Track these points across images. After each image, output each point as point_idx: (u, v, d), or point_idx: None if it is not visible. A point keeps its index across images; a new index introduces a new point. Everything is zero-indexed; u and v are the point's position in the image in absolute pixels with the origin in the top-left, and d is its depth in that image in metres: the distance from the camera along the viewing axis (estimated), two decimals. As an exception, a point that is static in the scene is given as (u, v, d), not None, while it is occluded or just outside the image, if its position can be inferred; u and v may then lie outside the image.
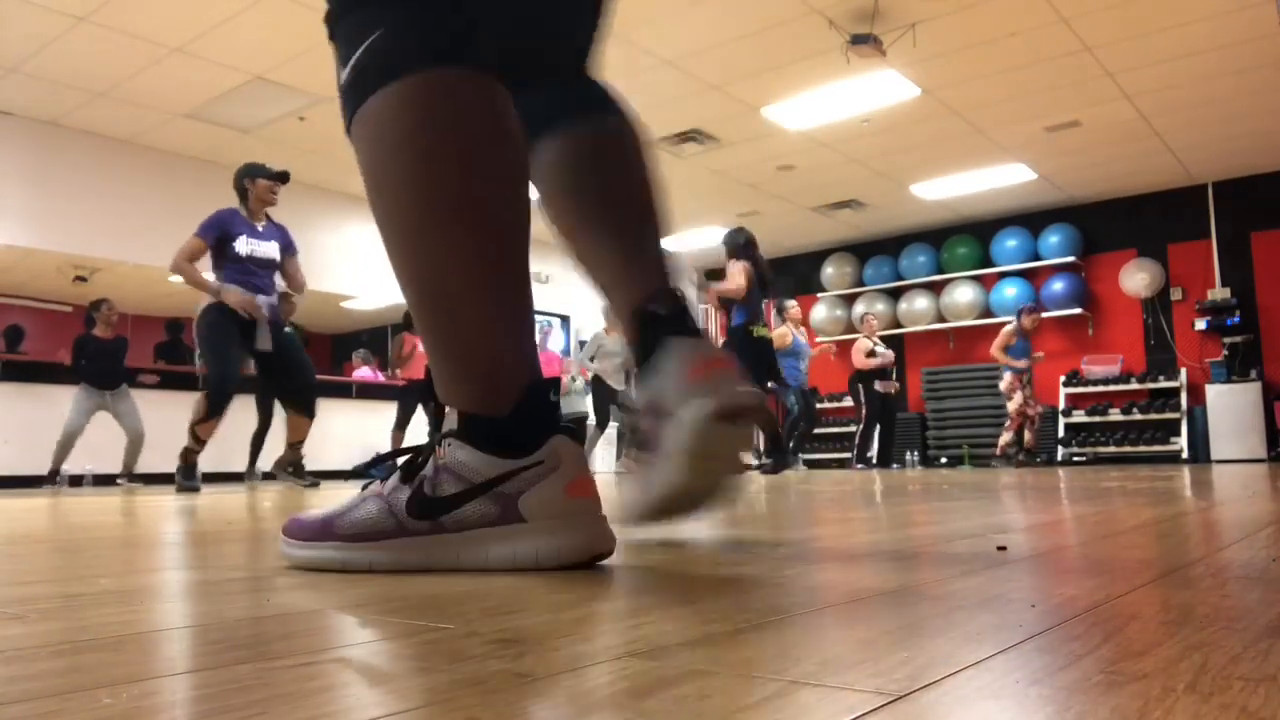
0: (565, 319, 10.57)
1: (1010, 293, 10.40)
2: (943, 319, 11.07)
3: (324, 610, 0.69)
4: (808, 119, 7.75)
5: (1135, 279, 9.85)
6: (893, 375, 9.25)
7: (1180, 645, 0.49)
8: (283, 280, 4.92)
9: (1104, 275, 10.18)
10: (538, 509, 0.89)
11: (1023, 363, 8.57)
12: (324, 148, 8.18)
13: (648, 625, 0.60)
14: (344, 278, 9.53)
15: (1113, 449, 9.77)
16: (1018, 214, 10.59)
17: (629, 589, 0.79)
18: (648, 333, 1.09)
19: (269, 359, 4.78)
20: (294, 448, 4.94)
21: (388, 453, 1.08)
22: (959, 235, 11.03)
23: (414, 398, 7.89)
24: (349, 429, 8.82)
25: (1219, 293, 9.40)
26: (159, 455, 7.20)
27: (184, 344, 7.92)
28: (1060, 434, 10.07)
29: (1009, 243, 10.58)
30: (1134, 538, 1.15)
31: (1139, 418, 9.70)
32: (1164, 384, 9.69)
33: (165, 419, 7.13)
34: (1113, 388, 9.96)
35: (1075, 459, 9.92)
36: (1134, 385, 9.85)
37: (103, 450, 6.96)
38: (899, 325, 11.30)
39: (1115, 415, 9.83)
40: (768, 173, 9.19)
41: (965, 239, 10.97)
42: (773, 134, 8.10)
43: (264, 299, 4.71)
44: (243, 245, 4.69)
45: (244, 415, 6.18)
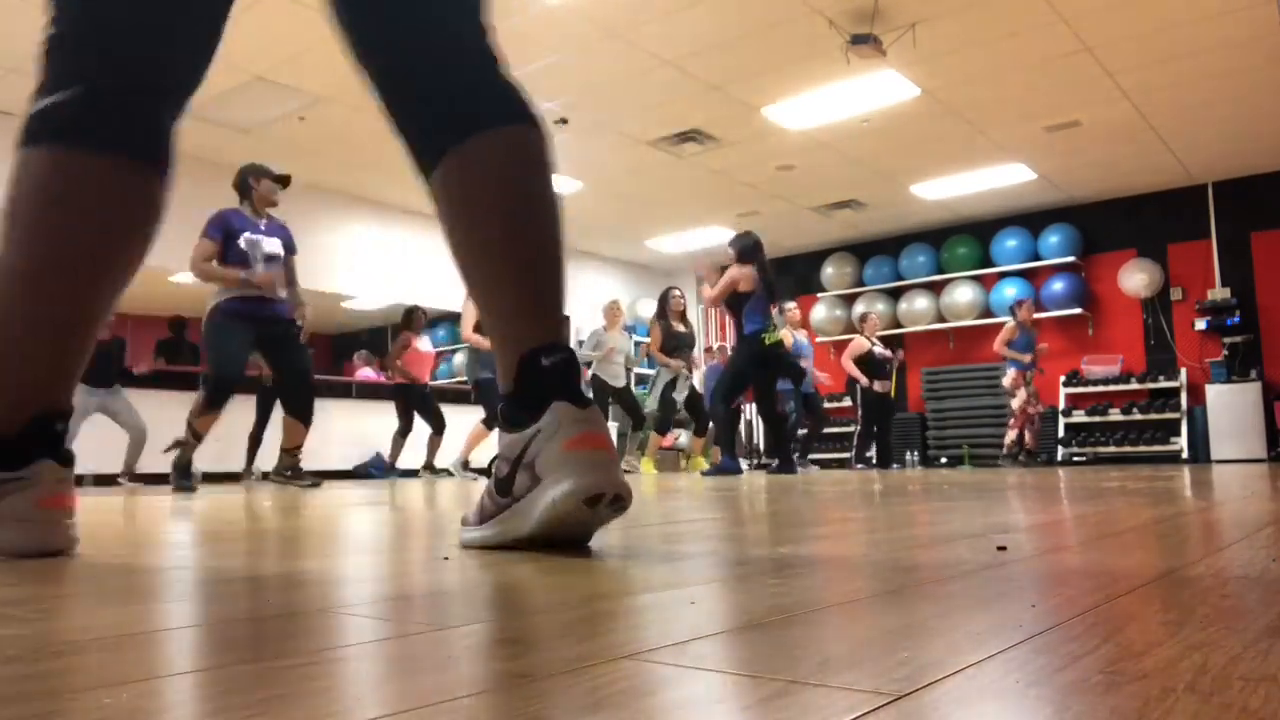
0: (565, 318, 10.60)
1: (1010, 293, 10.39)
2: (943, 319, 11.07)
3: (324, 610, 0.69)
4: (808, 119, 7.75)
5: (1135, 279, 9.85)
6: (892, 374, 9.23)
7: (1180, 645, 0.49)
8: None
9: (1104, 275, 10.18)
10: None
11: (1028, 356, 8.58)
12: (324, 148, 8.19)
13: (648, 625, 0.60)
14: (344, 278, 9.54)
15: (1113, 449, 9.77)
16: (1017, 214, 10.59)
17: (628, 589, 0.79)
18: (534, 386, 1.08)
19: (272, 354, 4.76)
20: (288, 454, 4.86)
21: None
22: (959, 235, 11.03)
23: (415, 398, 7.87)
24: (349, 429, 8.82)
25: (1219, 293, 9.40)
26: (158, 455, 7.22)
27: (186, 342, 7.90)
28: (1060, 434, 10.07)
29: (1009, 243, 10.58)
30: (1134, 538, 1.15)
31: (1139, 418, 9.70)
32: (1164, 384, 9.69)
33: (164, 419, 7.14)
34: (1113, 388, 9.96)
35: (1075, 459, 9.92)
36: (1134, 385, 9.84)
37: (102, 450, 6.98)
38: (899, 325, 11.30)
39: (1115, 415, 9.83)
40: (768, 173, 9.19)
41: (965, 239, 10.97)
42: (773, 134, 8.10)
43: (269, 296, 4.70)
44: (246, 241, 4.67)
45: (240, 414, 6.17)
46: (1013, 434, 8.74)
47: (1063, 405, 10.19)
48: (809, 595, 0.71)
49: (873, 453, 9.09)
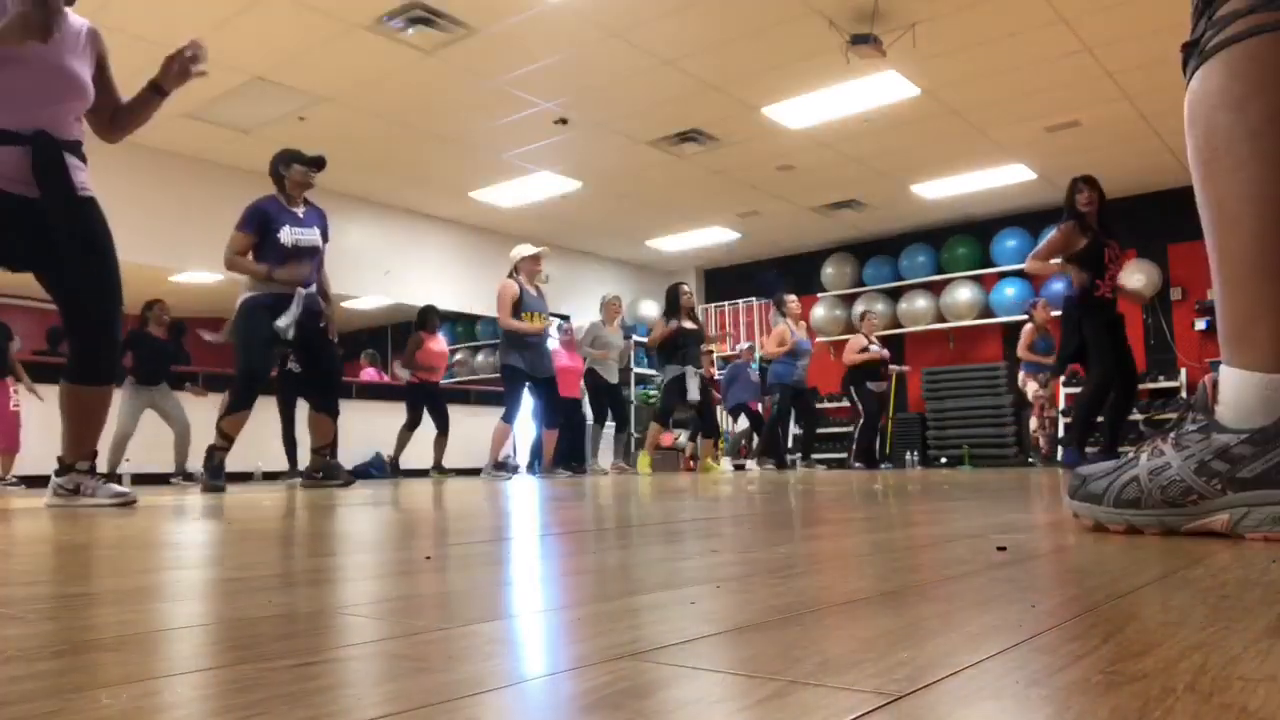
0: (565, 319, 10.57)
1: (1010, 293, 10.40)
2: (942, 319, 11.07)
3: (324, 610, 0.69)
4: (808, 119, 7.75)
5: (1135, 279, 9.85)
6: (890, 373, 9.24)
7: (1180, 645, 0.49)
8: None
9: (1104, 275, 10.17)
10: None
11: (1050, 358, 8.57)
12: (324, 148, 8.08)
13: (648, 625, 0.60)
14: (344, 278, 9.49)
15: (1113, 449, 9.76)
16: (1018, 214, 10.59)
17: (628, 589, 0.79)
18: None
19: (302, 350, 4.65)
20: (319, 453, 4.74)
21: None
22: (959, 235, 11.02)
23: (426, 396, 7.86)
24: (350, 429, 8.81)
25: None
26: (156, 454, 7.21)
27: (184, 348, 7.86)
28: (1061, 434, 10.06)
29: (1009, 243, 10.57)
30: (1134, 538, 1.15)
31: (1139, 417, 9.69)
32: (1164, 384, 9.69)
33: (159, 420, 7.14)
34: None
35: (1075, 459, 9.92)
36: (1134, 385, 9.84)
37: (138, 448, 7.01)
38: (899, 325, 11.30)
39: (1115, 415, 9.82)
40: (768, 173, 9.19)
41: (965, 239, 10.96)
42: (773, 134, 8.10)
43: (301, 291, 4.55)
44: (287, 235, 4.54)
45: (265, 416, 6.14)
46: (1035, 421, 8.75)
47: (1063, 405, 10.18)
48: (809, 595, 0.71)
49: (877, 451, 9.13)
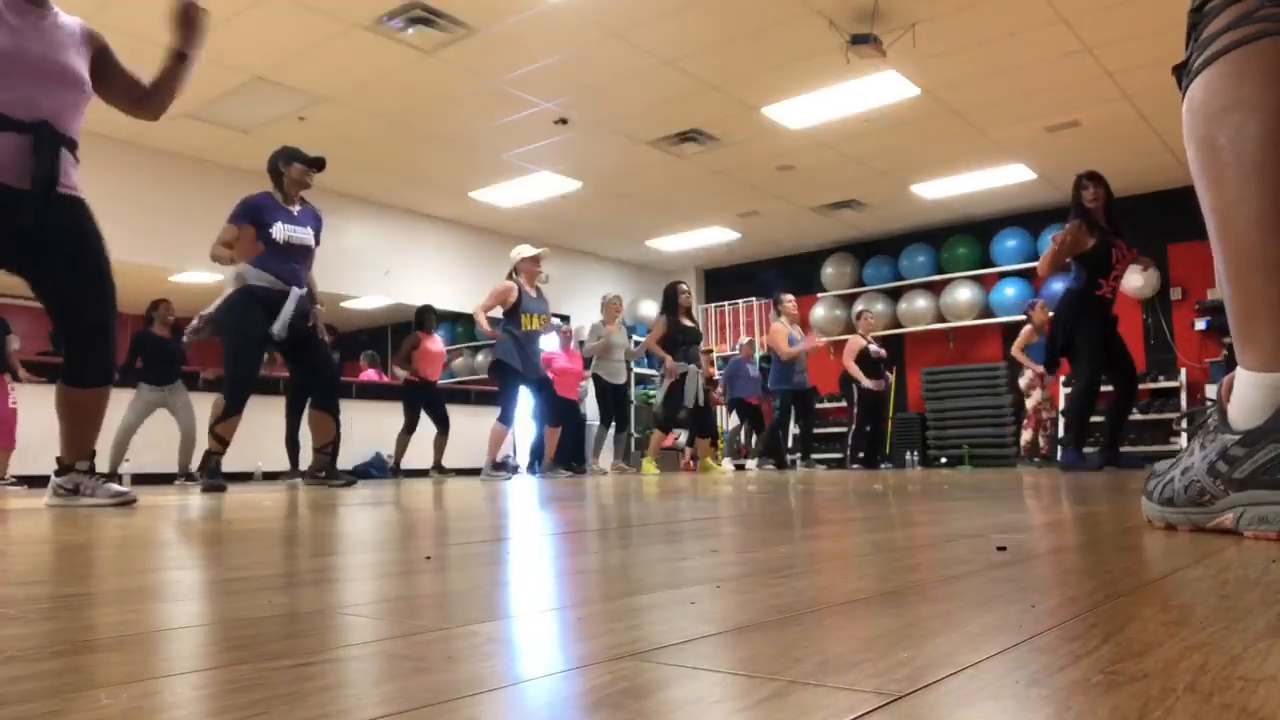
0: (565, 318, 10.57)
1: (1010, 293, 10.39)
2: (942, 319, 11.07)
3: (324, 610, 0.69)
4: (808, 119, 7.75)
5: (1135, 279, 9.85)
6: (889, 373, 9.23)
7: (1180, 645, 0.49)
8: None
9: (1104, 275, 10.17)
10: None
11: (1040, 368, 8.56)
12: (324, 148, 8.08)
13: (648, 625, 0.60)
14: (344, 278, 9.52)
15: (1113, 449, 9.76)
16: (1018, 214, 10.58)
17: (628, 589, 0.79)
18: None
19: (292, 351, 4.57)
20: (321, 452, 4.69)
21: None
22: (959, 235, 11.02)
23: (423, 397, 7.85)
24: (350, 430, 8.82)
25: (1219, 293, 9.38)
26: (157, 454, 7.21)
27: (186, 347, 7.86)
28: (1060, 434, 10.05)
29: (1009, 243, 10.57)
30: (1134, 538, 1.15)
31: (1139, 417, 9.70)
32: (1164, 384, 9.69)
33: (159, 420, 7.14)
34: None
35: (1075, 459, 9.91)
36: (1134, 385, 9.84)
37: (140, 447, 7.00)
38: (899, 325, 11.30)
39: (1115, 415, 9.82)
40: (768, 173, 9.19)
41: (965, 239, 10.96)
42: (773, 134, 8.10)
43: (296, 291, 4.47)
44: (279, 231, 4.46)
45: (264, 416, 6.13)
46: (1027, 434, 8.74)
47: (1063, 405, 10.18)
48: (809, 595, 0.71)
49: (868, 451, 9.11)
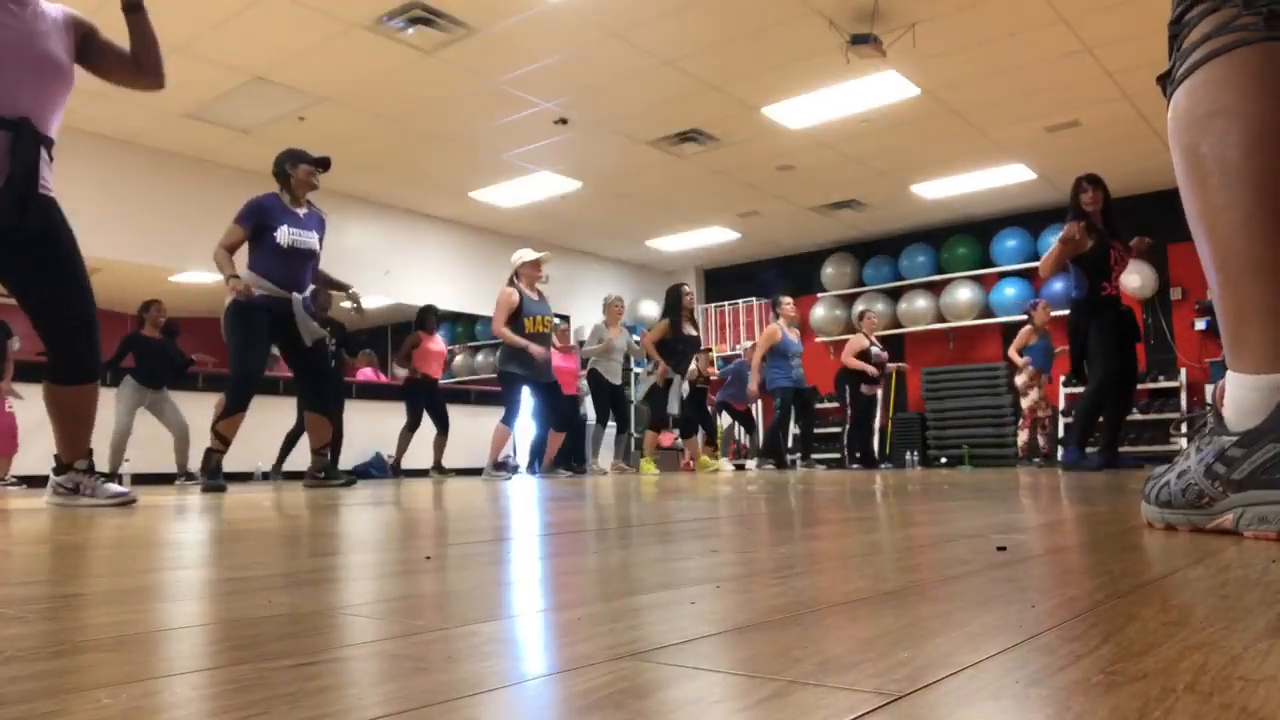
0: (565, 319, 10.58)
1: (1010, 293, 10.39)
2: (942, 319, 11.07)
3: (324, 610, 0.69)
4: (808, 119, 7.75)
5: (1135, 279, 9.85)
6: (890, 376, 9.24)
7: (1180, 645, 0.49)
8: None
9: (1104, 275, 10.17)
10: None
11: (1033, 370, 8.53)
12: (324, 148, 8.08)
13: (648, 625, 0.60)
14: (344, 278, 9.44)
15: (1113, 449, 9.76)
16: (1018, 214, 10.59)
17: (628, 589, 0.79)
18: None
19: (292, 352, 4.55)
20: (319, 454, 4.68)
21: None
22: (959, 235, 11.02)
23: (424, 395, 7.85)
24: (350, 430, 8.81)
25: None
26: (156, 454, 7.21)
27: (179, 349, 7.82)
28: (1060, 434, 10.06)
29: (1009, 243, 10.57)
30: (1134, 538, 1.15)
31: (1139, 418, 9.69)
32: (1164, 384, 9.69)
33: (152, 421, 7.14)
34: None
35: (1075, 459, 9.91)
36: (1134, 385, 9.84)
37: (139, 447, 7.02)
38: (899, 325, 11.30)
39: (1115, 415, 9.82)
40: (768, 173, 9.19)
41: (965, 239, 10.96)
42: (773, 134, 8.10)
43: (298, 296, 4.47)
44: (284, 235, 4.44)
45: (264, 416, 6.12)
46: (1023, 435, 8.73)
47: (1063, 405, 10.18)
48: (809, 595, 0.71)
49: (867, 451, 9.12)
